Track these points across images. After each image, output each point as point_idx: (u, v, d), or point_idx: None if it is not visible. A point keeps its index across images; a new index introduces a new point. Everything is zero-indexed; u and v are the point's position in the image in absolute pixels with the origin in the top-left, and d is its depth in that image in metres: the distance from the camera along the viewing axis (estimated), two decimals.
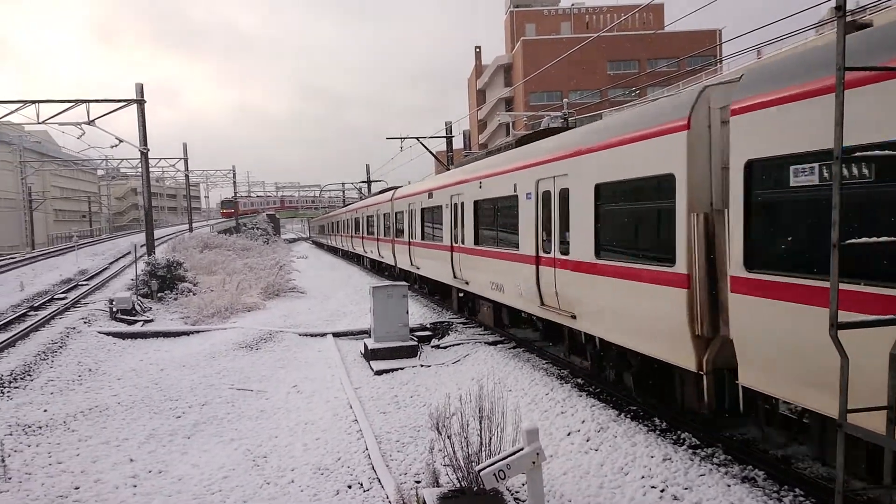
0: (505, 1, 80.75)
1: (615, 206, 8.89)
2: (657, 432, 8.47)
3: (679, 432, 8.42)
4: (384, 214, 27.54)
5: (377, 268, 33.06)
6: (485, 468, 6.02)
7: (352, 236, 40.53)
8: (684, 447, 7.92)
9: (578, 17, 75.99)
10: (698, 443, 8.04)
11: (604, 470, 7.53)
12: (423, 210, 20.14)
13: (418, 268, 21.30)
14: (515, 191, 12.17)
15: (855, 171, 5.10)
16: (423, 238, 20.27)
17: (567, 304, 10.25)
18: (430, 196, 19.04)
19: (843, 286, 4.32)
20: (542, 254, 11.21)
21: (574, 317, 10.04)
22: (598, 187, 9.13)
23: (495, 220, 13.73)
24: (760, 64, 7.60)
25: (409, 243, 22.18)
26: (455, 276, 16.68)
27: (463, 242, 15.80)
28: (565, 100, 34.27)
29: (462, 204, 15.81)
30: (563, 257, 10.30)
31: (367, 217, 32.85)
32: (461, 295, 17.75)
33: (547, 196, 11.02)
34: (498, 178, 13.25)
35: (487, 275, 14.05)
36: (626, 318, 8.59)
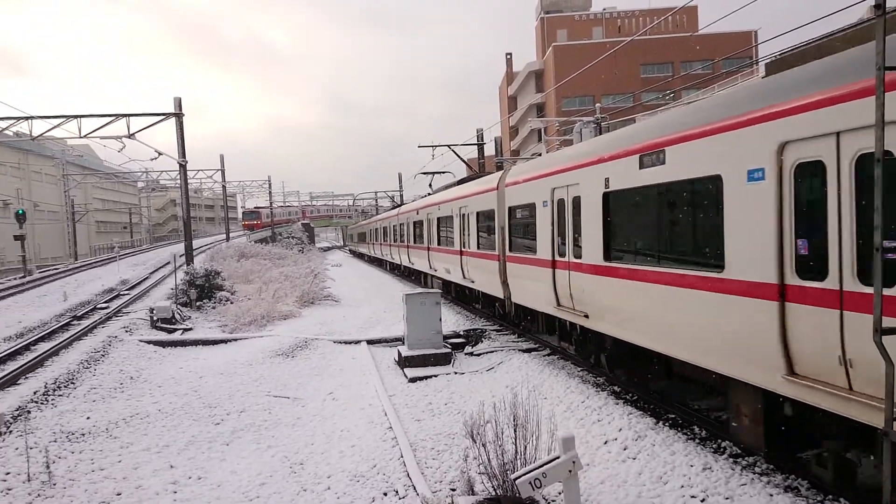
0: (536, 8, 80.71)
1: None
2: (697, 441, 8.33)
3: (720, 441, 8.27)
4: (480, 213, 17.47)
5: (457, 295, 22.12)
6: (520, 476, 5.98)
7: (408, 246, 29.81)
8: (725, 456, 7.78)
9: (610, 22, 75.57)
10: (739, 452, 7.88)
11: (642, 479, 7.42)
12: (609, 197, 10.03)
13: (586, 314, 10.95)
14: None
15: None
16: (607, 256, 10.10)
17: None
18: (649, 160, 8.73)
19: None
20: None
21: None
22: None
23: None
24: None
25: (554, 264, 12.24)
26: (794, 374, 6.30)
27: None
28: (598, 104, 34.05)
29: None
30: None
31: (441, 219, 22.34)
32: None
33: None
34: None
35: None
36: None
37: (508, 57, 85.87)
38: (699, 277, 7.68)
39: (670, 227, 8.75)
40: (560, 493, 6.64)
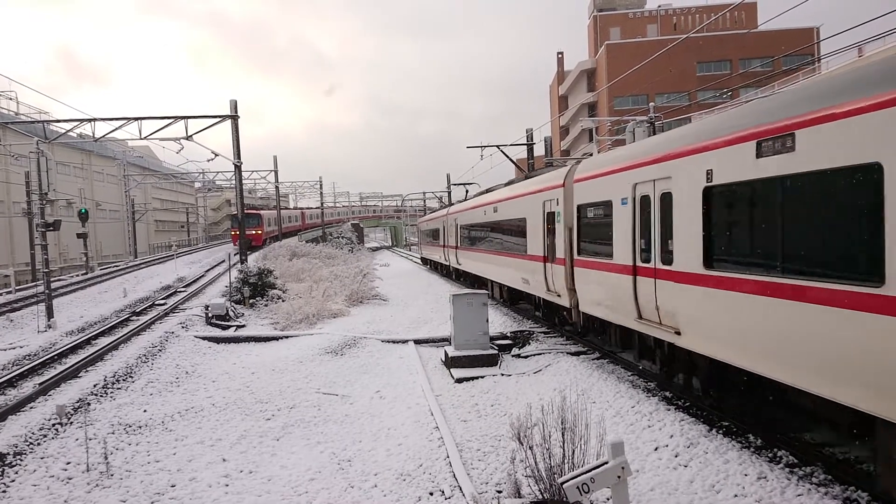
0: (588, 6, 79.83)
1: None
2: (751, 449, 8.09)
3: (776, 450, 8.01)
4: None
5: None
6: (568, 481, 5.90)
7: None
8: (781, 465, 7.53)
9: (665, 19, 74.11)
10: (796, 461, 7.62)
11: (694, 487, 7.23)
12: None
13: None
14: None
15: None
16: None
17: None
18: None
19: None
20: None
21: None
22: None
23: None
24: None
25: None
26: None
27: None
28: (651, 103, 33.40)
29: None
30: None
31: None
32: None
33: None
34: None
35: None
36: None
37: (560, 56, 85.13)
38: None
39: None
40: (608, 500, 6.53)
